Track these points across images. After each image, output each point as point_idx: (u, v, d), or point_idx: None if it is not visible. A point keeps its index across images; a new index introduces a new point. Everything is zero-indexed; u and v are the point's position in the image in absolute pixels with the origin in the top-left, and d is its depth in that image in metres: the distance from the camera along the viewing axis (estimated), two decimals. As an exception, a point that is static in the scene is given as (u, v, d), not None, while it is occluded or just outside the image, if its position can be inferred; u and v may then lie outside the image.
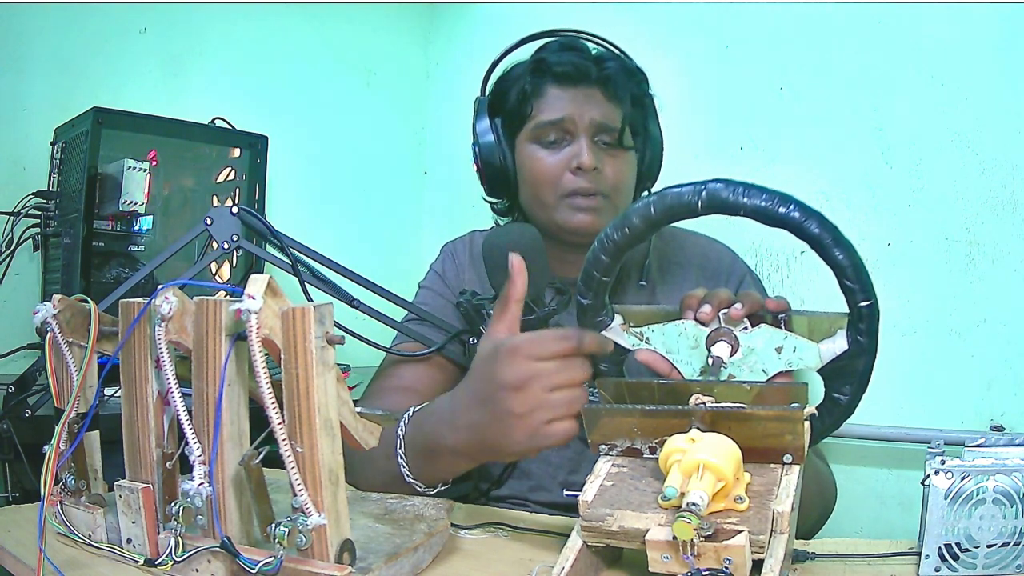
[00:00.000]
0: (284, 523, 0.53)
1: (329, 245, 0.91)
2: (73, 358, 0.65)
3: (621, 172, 0.99)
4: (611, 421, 0.62)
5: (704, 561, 0.51)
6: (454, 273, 1.08)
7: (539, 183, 0.98)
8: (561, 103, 0.97)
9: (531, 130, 0.99)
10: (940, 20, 1.29)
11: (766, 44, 1.49)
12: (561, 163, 0.97)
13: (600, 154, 0.97)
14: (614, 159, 0.98)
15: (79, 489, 0.66)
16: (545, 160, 0.98)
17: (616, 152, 0.99)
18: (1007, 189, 1.23)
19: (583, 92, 0.98)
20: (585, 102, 0.97)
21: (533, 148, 0.99)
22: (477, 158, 1.02)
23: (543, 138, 0.98)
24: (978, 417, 1.25)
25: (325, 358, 0.53)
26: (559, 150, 0.98)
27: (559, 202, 0.97)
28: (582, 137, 0.96)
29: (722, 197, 0.63)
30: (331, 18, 1.91)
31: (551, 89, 0.98)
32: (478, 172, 1.03)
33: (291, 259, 0.84)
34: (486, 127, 1.01)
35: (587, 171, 0.95)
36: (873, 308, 0.63)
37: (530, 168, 0.99)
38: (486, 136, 1.01)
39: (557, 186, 0.97)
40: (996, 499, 0.58)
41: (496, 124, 1.01)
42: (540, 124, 0.98)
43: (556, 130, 0.98)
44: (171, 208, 1.46)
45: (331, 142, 1.92)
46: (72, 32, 1.48)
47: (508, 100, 1.01)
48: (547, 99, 0.98)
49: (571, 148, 0.97)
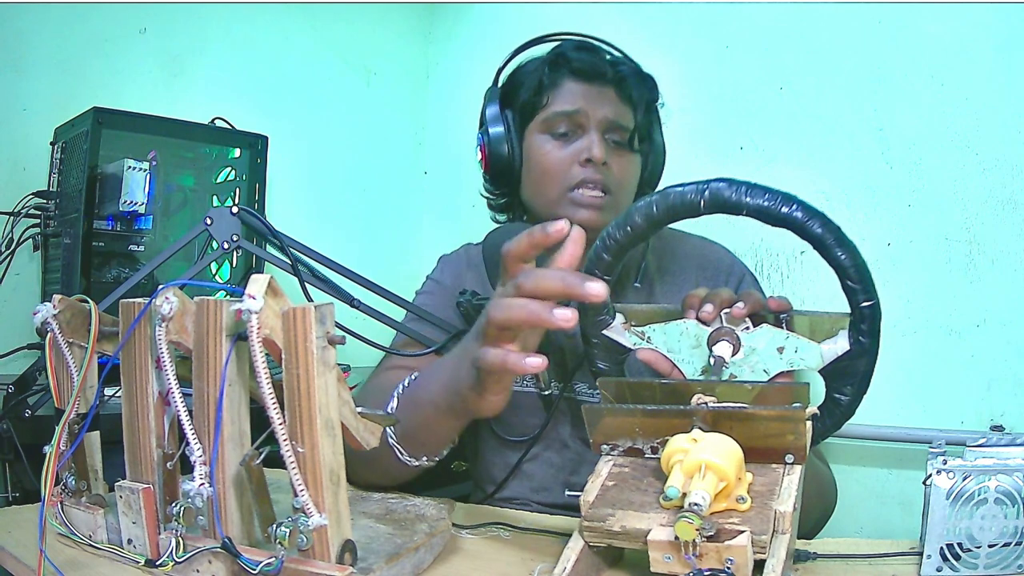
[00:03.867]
0: (285, 523, 0.52)
1: (329, 245, 0.91)
2: (73, 358, 0.65)
3: (627, 172, 0.99)
4: (613, 421, 0.62)
5: (706, 561, 0.51)
6: (452, 279, 1.07)
7: (546, 175, 0.98)
8: (576, 96, 0.98)
9: (543, 121, 1.00)
10: (940, 20, 1.29)
11: (766, 44, 1.49)
12: (570, 155, 0.97)
13: (609, 151, 0.97)
14: (621, 158, 0.99)
15: (79, 490, 0.66)
16: (554, 152, 0.98)
17: (624, 152, 0.99)
18: (1007, 189, 1.23)
19: (597, 89, 0.99)
20: (599, 98, 0.98)
21: (543, 139, 0.99)
22: (485, 146, 1.02)
23: (554, 129, 0.99)
24: (978, 417, 1.25)
25: (326, 358, 0.53)
26: (569, 143, 0.98)
27: (563, 196, 0.97)
28: (593, 131, 0.97)
29: (724, 196, 0.63)
30: (331, 18, 1.91)
31: (567, 82, 0.99)
32: (482, 161, 1.03)
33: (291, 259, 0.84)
34: (496, 115, 1.01)
35: (596, 164, 0.96)
36: (875, 308, 0.63)
37: (539, 159, 0.99)
38: (496, 124, 1.01)
39: (564, 178, 0.97)
40: (998, 499, 0.58)
41: (507, 115, 1.01)
42: (554, 114, 0.99)
43: (568, 122, 0.98)
44: (171, 208, 1.46)
45: (331, 142, 1.92)
46: (72, 32, 1.48)
47: (522, 91, 1.01)
48: (562, 91, 0.99)
49: (581, 142, 0.97)
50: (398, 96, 2.08)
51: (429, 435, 0.78)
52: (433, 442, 0.79)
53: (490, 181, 1.05)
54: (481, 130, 1.02)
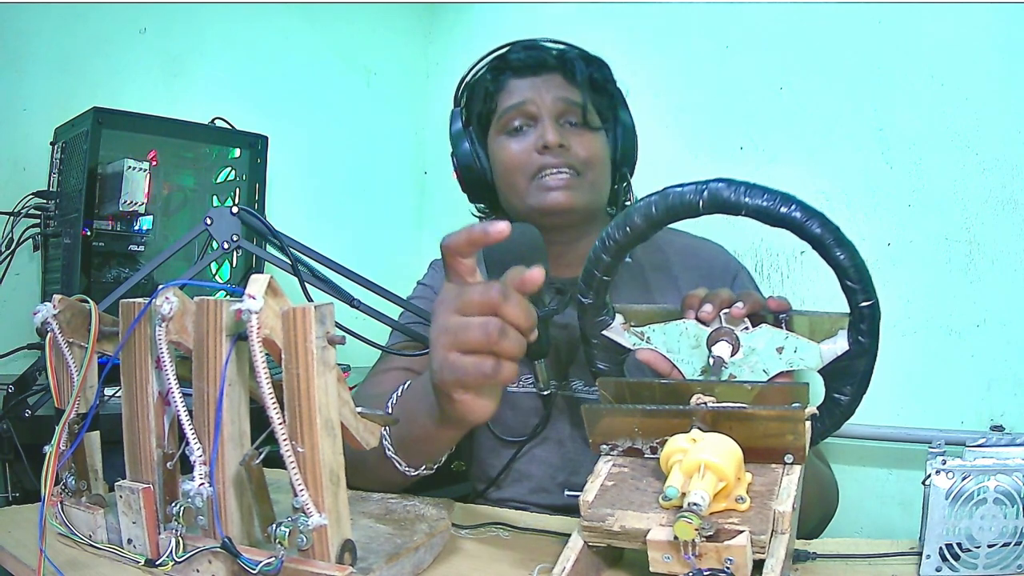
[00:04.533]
0: (285, 523, 0.52)
1: (329, 245, 0.91)
2: (73, 358, 0.65)
3: (591, 150, 1.00)
4: (612, 421, 0.62)
5: (705, 561, 0.51)
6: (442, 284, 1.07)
7: (509, 170, 1.00)
8: (522, 90, 1.01)
9: (497, 123, 1.02)
10: (940, 20, 1.29)
11: (766, 44, 1.49)
12: (528, 146, 0.99)
13: (566, 134, 0.98)
14: (581, 138, 0.99)
15: (79, 489, 0.66)
16: (513, 147, 1.00)
17: (583, 132, 1.00)
18: (1007, 189, 1.23)
19: (542, 79, 1.01)
20: (544, 86, 1.00)
21: (501, 140, 1.02)
22: (456, 167, 1.05)
23: (509, 126, 1.01)
24: (978, 417, 1.25)
25: (326, 358, 0.53)
26: (526, 136, 1.00)
27: (530, 185, 0.99)
28: (545, 118, 0.99)
29: (724, 197, 0.63)
30: (331, 18, 1.91)
31: (511, 80, 1.02)
32: (458, 179, 1.06)
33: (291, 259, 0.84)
34: (459, 132, 1.05)
35: (552, 148, 0.97)
36: (874, 309, 0.63)
37: (500, 159, 1.01)
38: (461, 142, 1.04)
39: (526, 168, 0.98)
40: (997, 499, 0.58)
41: (469, 131, 1.05)
42: (503, 111, 1.01)
43: (520, 115, 1.00)
44: (171, 208, 1.46)
45: (331, 142, 1.92)
46: (72, 32, 1.48)
47: (475, 102, 1.04)
48: (508, 90, 1.02)
49: (536, 131, 0.99)
50: (398, 96, 2.08)
51: (426, 445, 0.77)
52: (431, 451, 0.78)
53: (471, 198, 1.09)
54: (451, 153, 1.05)
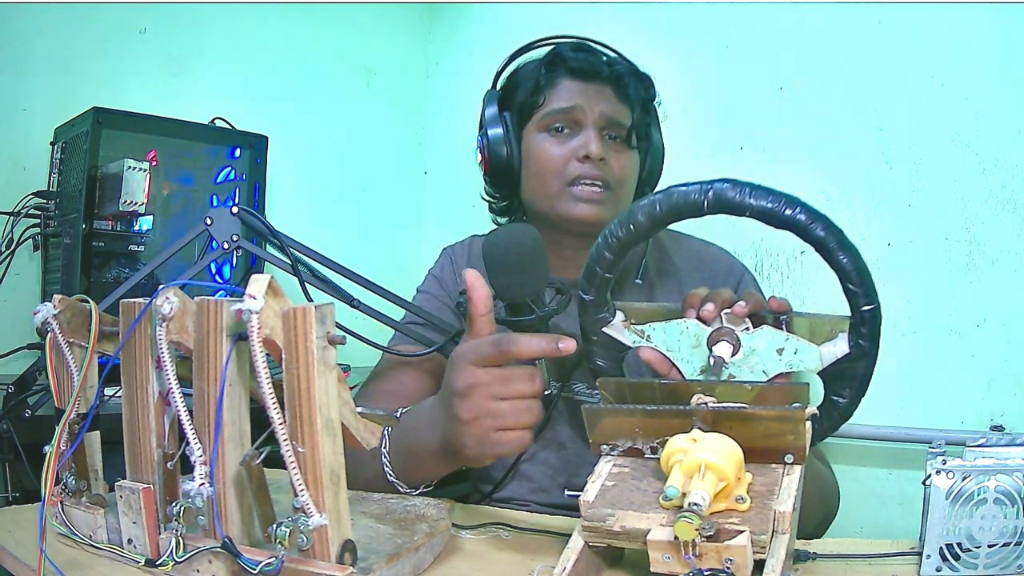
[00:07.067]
0: (285, 523, 0.53)
1: (329, 245, 0.91)
2: (74, 358, 0.65)
3: (625, 169, 1.00)
4: (612, 421, 0.62)
5: (706, 561, 0.51)
6: (452, 277, 1.08)
7: (545, 171, 0.99)
8: (572, 94, 0.99)
9: (541, 119, 1.00)
10: (940, 20, 1.29)
11: (766, 44, 1.49)
12: (568, 152, 0.98)
13: (606, 147, 0.98)
14: (619, 155, 0.99)
15: (80, 489, 0.66)
16: (553, 148, 0.99)
17: (622, 149, 1.00)
18: (1007, 189, 1.23)
19: (594, 87, 0.99)
20: (596, 96, 0.99)
21: (541, 137, 1.00)
22: (484, 148, 1.02)
23: (552, 127, 1.00)
24: (978, 417, 1.25)
25: (326, 358, 0.53)
26: (567, 140, 0.99)
27: (563, 191, 0.98)
28: (590, 128, 0.98)
29: (728, 197, 0.63)
30: (331, 18, 1.91)
31: (564, 81, 1.00)
32: (482, 163, 1.04)
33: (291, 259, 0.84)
34: (495, 117, 1.02)
35: (594, 160, 0.96)
36: (876, 312, 0.63)
37: (537, 156, 1.00)
38: (494, 126, 1.02)
39: (563, 174, 0.98)
40: (997, 499, 0.58)
41: (505, 116, 1.02)
42: (551, 112, 0.99)
43: (566, 119, 0.99)
44: (171, 208, 1.46)
45: (331, 142, 1.92)
46: (72, 32, 1.48)
47: (520, 92, 1.02)
48: (559, 90, 1.00)
49: (579, 138, 0.98)
50: (398, 96, 2.08)
51: (427, 472, 0.80)
52: (432, 475, 0.80)
53: (490, 183, 1.06)
54: (480, 132, 1.03)
